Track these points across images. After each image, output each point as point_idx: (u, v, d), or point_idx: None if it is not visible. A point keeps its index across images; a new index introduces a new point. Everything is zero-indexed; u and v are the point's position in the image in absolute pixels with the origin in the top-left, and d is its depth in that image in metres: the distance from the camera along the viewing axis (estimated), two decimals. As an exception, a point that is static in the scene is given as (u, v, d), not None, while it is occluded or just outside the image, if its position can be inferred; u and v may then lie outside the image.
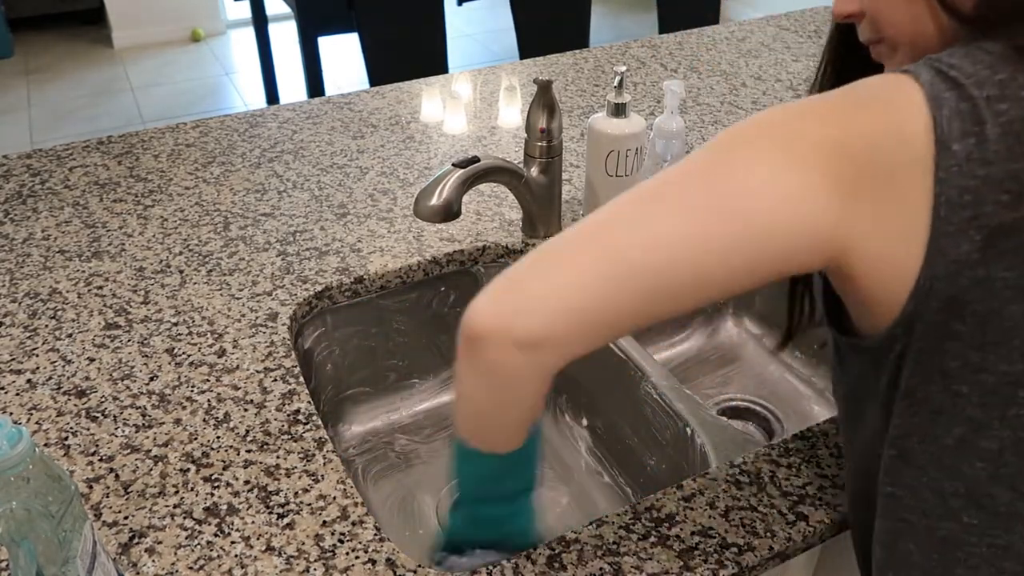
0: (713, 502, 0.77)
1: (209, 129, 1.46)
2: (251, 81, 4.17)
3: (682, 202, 0.52)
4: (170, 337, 0.97)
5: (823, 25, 1.94)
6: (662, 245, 0.51)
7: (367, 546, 0.73)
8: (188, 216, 1.20)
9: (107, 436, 0.84)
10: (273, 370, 0.92)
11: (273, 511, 0.76)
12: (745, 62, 1.73)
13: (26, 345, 0.96)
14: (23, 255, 1.12)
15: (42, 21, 4.69)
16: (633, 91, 1.59)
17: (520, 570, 0.70)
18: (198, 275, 1.08)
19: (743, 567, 0.71)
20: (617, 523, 0.75)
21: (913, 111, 0.50)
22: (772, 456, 0.82)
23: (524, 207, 1.13)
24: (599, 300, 0.52)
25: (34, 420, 0.86)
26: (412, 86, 1.63)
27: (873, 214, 0.50)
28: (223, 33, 4.81)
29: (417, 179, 1.29)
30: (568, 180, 1.27)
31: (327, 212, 1.21)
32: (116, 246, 1.14)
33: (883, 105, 0.51)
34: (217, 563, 0.71)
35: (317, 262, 1.10)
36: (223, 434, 0.84)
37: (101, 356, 0.95)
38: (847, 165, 0.50)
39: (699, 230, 0.51)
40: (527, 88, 1.61)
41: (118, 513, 0.76)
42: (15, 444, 0.55)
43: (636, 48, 1.80)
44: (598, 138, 1.10)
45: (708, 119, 1.48)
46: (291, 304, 1.02)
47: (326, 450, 0.82)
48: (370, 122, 1.48)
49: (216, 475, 0.80)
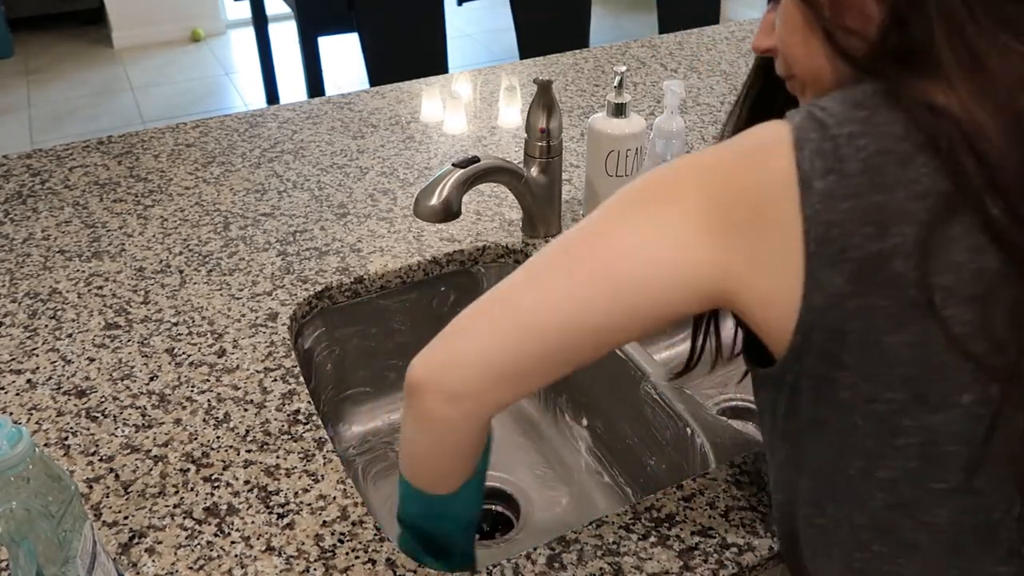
0: (713, 502, 0.77)
1: (209, 129, 1.46)
2: (251, 81, 4.17)
3: (569, 267, 0.58)
4: (170, 337, 0.97)
5: (823, 25, 1.94)
6: (552, 307, 0.58)
7: (367, 546, 0.73)
8: (188, 216, 1.20)
9: (107, 436, 0.84)
10: (273, 370, 0.92)
11: (273, 511, 0.76)
12: (745, 62, 1.73)
13: (26, 345, 0.96)
14: (23, 255, 1.12)
15: (42, 21, 4.69)
16: (633, 91, 1.59)
17: (520, 570, 0.70)
18: (198, 275, 1.08)
19: (743, 567, 0.71)
20: (617, 523, 0.75)
21: (782, 154, 0.52)
22: (772, 456, 0.82)
23: (524, 207, 1.13)
24: (507, 356, 0.59)
25: (34, 420, 0.86)
26: (412, 86, 1.63)
27: (749, 255, 0.53)
28: (223, 33, 4.81)
29: (417, 179, 1.29)
30: (568, 180, 1.27)
31: (327, 212, 1.21)
32: (116, 246, 1.14)
33: (760, 152, 0.54)
34: (217, 563, 0.71)
35: (317, 262, 1.10)
36: (223, 434, 0.84)
37: (101, 356, 0.95)
38: (721, 214, 0.54)
39: (581, 292, 0.57)
40: (527, 88, 1.61)
41: (118, 513, 0.76)
42: (15, 444, 0.55)
43: (636, 48, 1.80)
44: (598, 138, 1.10)
45: (708, 119, 1.48)
46: (291, 304, 1.02)
47: (326, 450, 0.82)
48: (370, 122, 1.48)
49: (216, 475, 0.80)
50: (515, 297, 0.60)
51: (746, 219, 0.53)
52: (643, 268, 0.56)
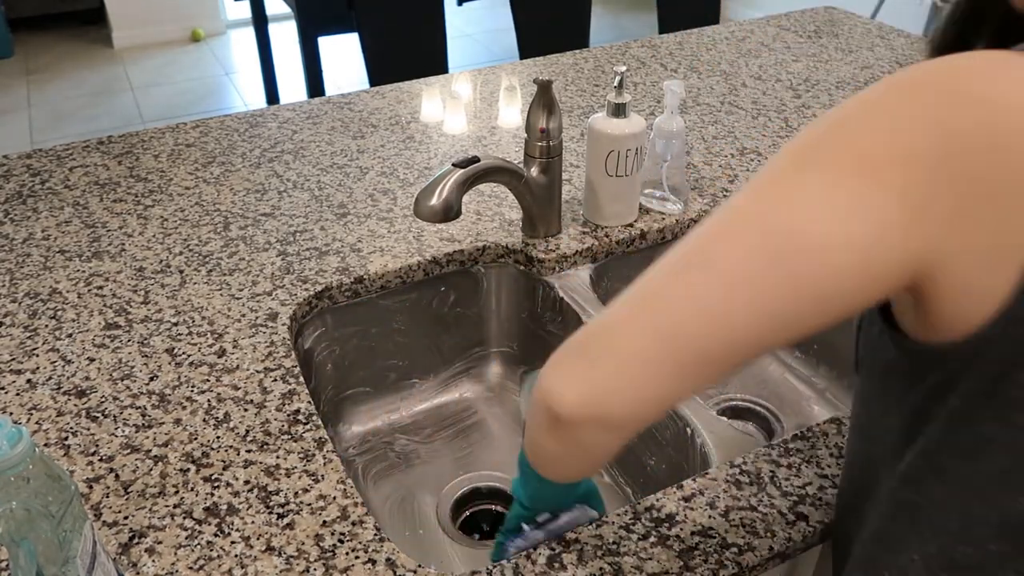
0: (713, 502, 0.77)
1: (209, 129, 1.46)
2: (251, 81, 4.17)
3: (734, 268, 0.47)
4: (170, 337, 0.97)
5: (823, 25, 1.94)
6: (721, 322, 0.48)
7: (367, 546, 0.73)
8: (188, 216, 1.20)
9: (107, 436, 0.84)
10: (273, 370, 0.92)
11: (273, 511, 0.76)
12: (745, 62, 1.73)
13: (26, 345, 0.96)
14: (23, 255, 1.12)
15: (42, 21, 4.69)
16: (633, 91, 1.59)
17: (520, 570, 0.70)
18: (198, 275, 1.08)
19: (743, 567, 0.71)
20: (617, 523, 0.75)
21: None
22: (772, 456, 0.82)
23: (524, 207, 1.13)
24: (675, 389, 0.51)
25: (34, 420, 0.86)
26: (412, 86, 1.63)
27: (962, 230, 0.44)
28: (223, 33, 4.81)
29: (417, 179, 1.29)
30: (568, 180, 1.27)
31: (327, 212, 1.21)
32: (116, 246, 1.14)
33: (979, 91, 0.43)
34: (217, 563, 0.71)
35: (317, 262, 1.10)
36: (223, 434, 0.84)
37: (101, 356, 0.95)
38: (924, 176, 0.43)
39: (759, 304, 0.47)
40: (527, 88, 1.61)
41: (118, 513, 0.76)
42: (15, 444, 0.55)
43: (636, 48, 1.80)
44: (598, 138, 1.10)
45: (708, 119, 1.48)
46: (291, 304, 1.02)
47: (326, 450, 0.82)
48: (370, 122, 1.48)
49: (216, 475, 0.80)
50: (667, 312, 0.49)
51: (964, 181, 0.43)
52: (835, 262, 0.45)
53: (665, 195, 1.19)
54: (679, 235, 1.20)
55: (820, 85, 1.61)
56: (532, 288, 1.15)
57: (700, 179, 1.29)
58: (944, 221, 0.44)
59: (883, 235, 0.44)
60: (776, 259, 0.46)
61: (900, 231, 0.44)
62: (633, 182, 1.14)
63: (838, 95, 1.57)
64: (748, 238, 0.47)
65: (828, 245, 0.45)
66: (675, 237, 1.20)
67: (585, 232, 1.16)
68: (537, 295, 1.14)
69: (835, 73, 1.67)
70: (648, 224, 1.17)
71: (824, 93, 1.58)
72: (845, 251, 0.45)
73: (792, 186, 0.47)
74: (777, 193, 0.47)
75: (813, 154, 0.47)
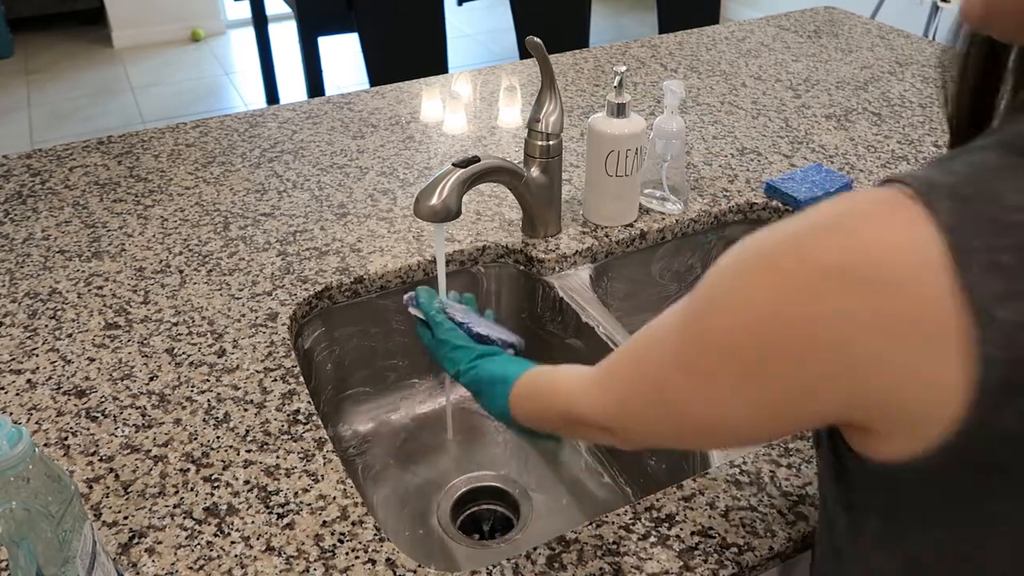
0: (713, 502, 0.77)
1: (209, 129, 1.46)
2: (251, 81, 4.17)
3: (738, 389, 0.50)
4: (170, 337, 0.97)
5: (823, 25, 1.94)
6: (725, 424, 0.53)
7: (367, 546, 0.73)
8: (188, 216, 1.20)
9: (107, 436, 0.84)
10: (273, 370, 0.92)
11: (273, 511, 0.76)
12: (745, 62, 1.73)
13: (26, 345, 0.96)
14: (23, 255, 1.12)
15: (42, 21, 4.69)
16: (633, 91, 1.59)
17: (520, 570, 0.70)
18: (198, 275, 1.08)
19: (743, 567, 0.71)
20: (617, 523, 0.75)
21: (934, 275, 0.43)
22: (772, 456, 0.82)
23: (524, 207, 1.13)
24: (675, 437, 0.62)
25: (34, 420, 0.86)
26: (412, 86, 1.63)
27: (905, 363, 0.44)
28: (223, 33, 4.81)
29: (417, 179, 1.29)
30: (568, 180, 1.27)
31: (327, 212, 1.21)
32: (116, 246, 1.14)
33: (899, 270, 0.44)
34: (217, 563, 0.71)
35: (317, 262, 1.10)
36: (223, 434, 0.84)
37: (101, 356, 0.95)
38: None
39: (766, 425, 0.52)
40: (527, 88, 1.61)
41: (118, 513, 0.76)
42: (15, 444, 0.55)
43: (636, 48, 1.80)
44: (598, 138, 1.10)
45: (708, 119, 1.48)
46: (291, 304, 1.02)
47: (326, 450, 0.82)
48: (370, 122, 1.48)
49: (216, 475, 0.80)
50: (675, 400, 0.54)
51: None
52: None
53: (665, 195, 1.19)
54: (679, 235, 1.20)
55: (820, 85, 1.62)
56: (532, 288, 1.15)
57: (700, 179, 1.29)
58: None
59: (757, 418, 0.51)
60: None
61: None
62: (633, 182, 1.14)
63: (838, 95, 1.57)
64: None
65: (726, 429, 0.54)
66: (675, 237, 1.20)
67: (585, 232, 1.16)
68: (537, 295, 1.15)
69: (835, 73, 1.67)
70: (648, 224, 1.17)
71: (824, 93, 1.58)
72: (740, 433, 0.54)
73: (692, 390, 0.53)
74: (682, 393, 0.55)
75: (698, 360, 0.52)
